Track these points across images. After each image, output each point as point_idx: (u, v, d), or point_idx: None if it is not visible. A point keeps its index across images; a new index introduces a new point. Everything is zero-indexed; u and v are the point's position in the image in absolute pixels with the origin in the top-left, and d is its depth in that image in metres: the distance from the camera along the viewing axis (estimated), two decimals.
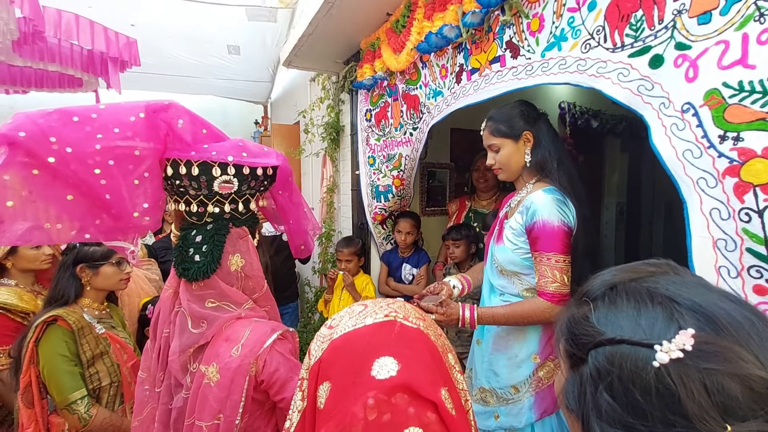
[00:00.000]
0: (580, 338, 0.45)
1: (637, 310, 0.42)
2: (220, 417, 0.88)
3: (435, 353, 0.51)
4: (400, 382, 0.45)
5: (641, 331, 0.41)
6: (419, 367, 0.48)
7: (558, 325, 0.52)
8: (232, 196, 0.97)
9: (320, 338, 0.54)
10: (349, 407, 0.44)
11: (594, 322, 0.45)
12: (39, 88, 3.42)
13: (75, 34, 2.60)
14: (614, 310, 0.44)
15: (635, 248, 4.85)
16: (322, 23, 2.13)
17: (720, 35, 0.84)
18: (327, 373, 0.49)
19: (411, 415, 0.44)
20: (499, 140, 1.37)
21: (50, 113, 0.81)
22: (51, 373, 1.31)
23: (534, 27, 1.27)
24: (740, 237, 0.83)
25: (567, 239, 1.22)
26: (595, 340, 0.43)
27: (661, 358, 0.37)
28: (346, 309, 0.57)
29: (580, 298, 0.50)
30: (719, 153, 0.85)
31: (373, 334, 0.50)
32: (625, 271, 0.49)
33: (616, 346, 0.41)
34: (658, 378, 0.37)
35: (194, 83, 4.40)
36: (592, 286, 0.50)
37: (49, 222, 0.83)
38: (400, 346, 0.49)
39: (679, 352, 0.37)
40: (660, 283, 0.45)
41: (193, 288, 0.95)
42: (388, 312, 0.53)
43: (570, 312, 0.50)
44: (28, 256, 1.66)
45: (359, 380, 0.46)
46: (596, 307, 0.46)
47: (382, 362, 0.46)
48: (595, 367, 0.42)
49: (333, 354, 0.50)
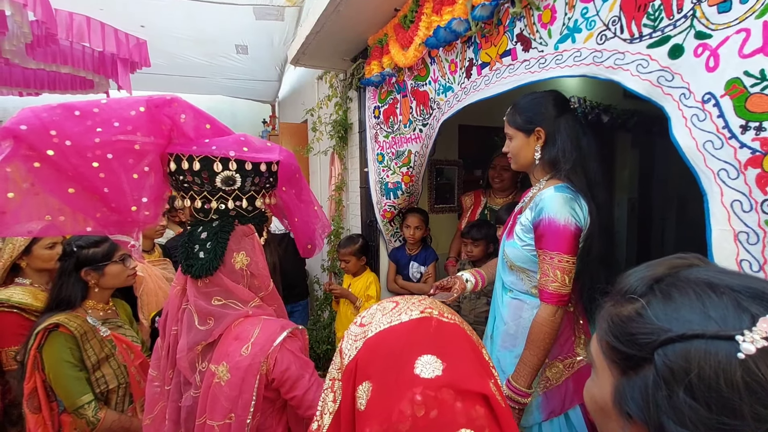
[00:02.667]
0: (638, 338, 0.41)
1: (701, 302, 0.40)
2: (231, 416, 0.88)
3: (474, 348, 0.50)
4: (447, 381, 0.44)
5: (714, 323, 0.38)
6: (464, 362, 0.47)
7: (599, 328, 0.48)
8: (235, 192, 0.96)
9: (352, 336, 0.52)
10: (394, 405, 0.43)
11: (653, 319, 0.41)
12: (51, 91, 3.48)
13: (86, 36, 2.64)
14: (672, 304, 0.41)
15: (647, 244, 4.78)
16: (330, 20, 2.12)
17: (741, 23, 0.82)
18: (366, 372, 0.48)
19: (459, 411, 0.43)
20: (513, 131, 1.35)
21: (54, 107, 0.82)
22: (57, 379, 1.31)
23: (546, 19, 1.24)
24: (763, 229, 0.80)
25: (573, 239, 1.18)
26: (661, 337, 0.39)
27: (747, 349, 0.35)
28: (375, 306, 0.55)
29: (622, 296, 0.46)
30: (741, 143, 0.82)
31: (410, 332, 0.49)
32: (659, 266, 0.46)
33: (688, 342, 0.38)
34: (745, 371, 0.35)
35: (203, 83, 4.43)
36: (631, 282, 0.46)
37: (50, 214, 0.84)
38: (441, 343, 0.48)
39: (764, 341, 0.35)
40: (705, 273, 0.42)
41: (199, 285, 0.95)
42: (422, 308, 0.51)
43: (611, 312, 0.46)
44: (43, 256, 1.67)
45: (403, 379, 0.45)
46: (648, 302, 0.43)
47: (425, 360, 0.45)
48: (666, 367, 0.38)
49: (370, 353, 0.49)
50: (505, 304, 1.41)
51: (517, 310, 1.36)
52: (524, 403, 1.23)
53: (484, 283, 1.60)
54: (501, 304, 1.43)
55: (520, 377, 1.23)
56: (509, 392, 1.25)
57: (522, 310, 1.35)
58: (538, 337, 1.21)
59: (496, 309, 1.47)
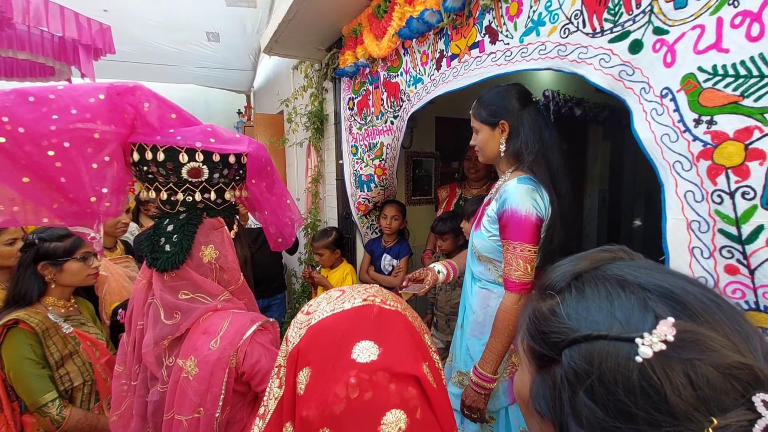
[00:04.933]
0: (550, 336, 0.41)
1: (609, 301, 0.39)
2: (200, 410, 0.87)
3: (414, 332, 0.52)
4: (382, 364, 0.45)
5: (618, 324, 0.37)
6: (400, 347, 0.48)
7: (521, 321, 0.48)
8: (203, 184, 0.94)
9: (297, 324, 0.53)
10: (330, 388, 0.44)
11: (564, 318, 0.41)
12: (9, 78, 3.28)
13: (44, 21, 2.49)
14: (584, 302, 0.41)
15: (617, 235, 4.95)
16: (303, 8, 2.08)
17: (696, 19, 0.85)
18: (306, 358, 0.49)
19: (392, 392, 0.44)
20: (478, 124, 1.37)
21: (6, 93, 0.78)
22: (17, 378, 1.26)
23: (512, 11, 1.25)
24: (713, 218, 0.85)
25: (534, 229, 1.21)
26: (569, 337, 0.39)
27: (644, 352, 0.34)
28: (323, 295, 0.56)
29: (543, 291, 0.46)
30: (694, 137, 0.86)
31: (351, 319, 0.50)
32: (584, 259, 0.46)
33: (592, 342, 0.37)
34: (641, 374, 0.34)
35: (173, 72, 4.28)
36: (553, 277, 0.46)
37: (3, 204, 0.81)
38: (380, 329, 0.49)
39: (662, 344, 0.34)
40: (623, 269, 0.42)
41: (165, 279, 0.93)
42: (366, 296, 0.53)
43: (533, 307, 0.46)
44: (2, 253, 1.59)
45: (340, 364, 0.46)
46: (563, 299, 0.42)
47: (362, 346, 0.46)
48: (571, 368, 0.38)
49: (311, 339, 0.50)
50: (473, 294, 1.44)
51: (484, 299, 1.40)
52: (490, 388, 1.27)
53: (456, 274, 1.62)
54: (470, 294, 1.47)
55: (486, 363, 1.27)
56: (476, 378, 1.28)
57: (489, 299, 1.38)
58: (503, 324, 1.24)
59: (465, 299, 1.51)
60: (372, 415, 0.43)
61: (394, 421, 0.43)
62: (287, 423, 0.49)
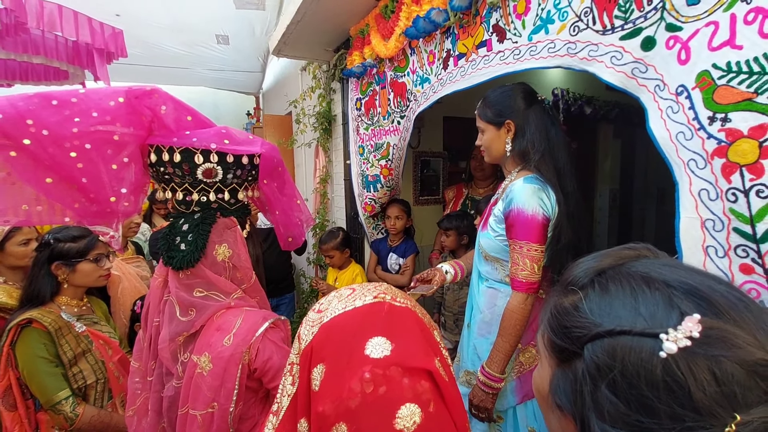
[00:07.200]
0: (572, 331, 0.41)
1: (633, 297, 0.39)
2: (214, 405, 0.89)
3: (424, 328, 0.53)
4: (395, 360, 0.46)
5: (642, 320, 0.37)
6: (412, 342, 0.49)
7: (542, 316, 0.49)
8: (217, 184, 0.96)
9: (309, 322, 0.54)
10: (345, 384, 0.45)
11: (587, 313, 0.41)
12: (24, 82, 3.36)
13: (59, 25, 2.55)
14: (608, 298, 0.41)
15: (628, 234, 4.89)
16: (311, 10, 2.10)
17: (710, 16, 0.84)
18: (320, 355, 0.50)
19: (406, 386, 0.45)
20: (484, 124, 1.37)
21: (30, 96, 0.81)
22: (32, 376, 1.28)
23: (520, 9, 1.25)
24: (727, 217, 0.84)
25: (541, 229, 1.21)
26: (591, 332, 0.39)
27: (669, 348, 0.34)
28: (333, 293, 0.57)
29: (566, 287, 0.46)
30: (708, 134, 0.85)
31: (363, 316, 0.51)
32: (607, 256, 0.46)
33: (616, 338, 0.37)
34: (665, 370, 0.34)
35: (184, 74, 4.34)
36: (576, 273, 0.46)
37: (27, 204, 0.83)
38: (391, 325, 0.50)
39: (687, 340, 0.34)
40: (648, 266, 0.42)
41: (180, 277, 0.94)
42: (376, 294, 0.54)
43: (555, 302, 0.46)
44: (16, 253, 1.62)
45: (354, 360, 0.47)
46: (586, 295, 0.42)
47: (375, 342, 0.47)
48: (593, 362, 0.38)
49: (325, 337, 0.51)
50: (481, 293, 1.44)
51: (492, 299, 1.39)
52: (498, 387, 1.27)
53: (463, 274, 1.62)
54: (477, 293, 1.46)
55: (493, 363, 1.27)
56: (484, 378, 1.28)
57: (496, 299, 1.38)
58: (510, 324, 1.24)
59: (473, 298, 1.50)
60: (387, 409, 0.44)
61: (409, 414, 0.43)
62: (302, 419, 0.50)
